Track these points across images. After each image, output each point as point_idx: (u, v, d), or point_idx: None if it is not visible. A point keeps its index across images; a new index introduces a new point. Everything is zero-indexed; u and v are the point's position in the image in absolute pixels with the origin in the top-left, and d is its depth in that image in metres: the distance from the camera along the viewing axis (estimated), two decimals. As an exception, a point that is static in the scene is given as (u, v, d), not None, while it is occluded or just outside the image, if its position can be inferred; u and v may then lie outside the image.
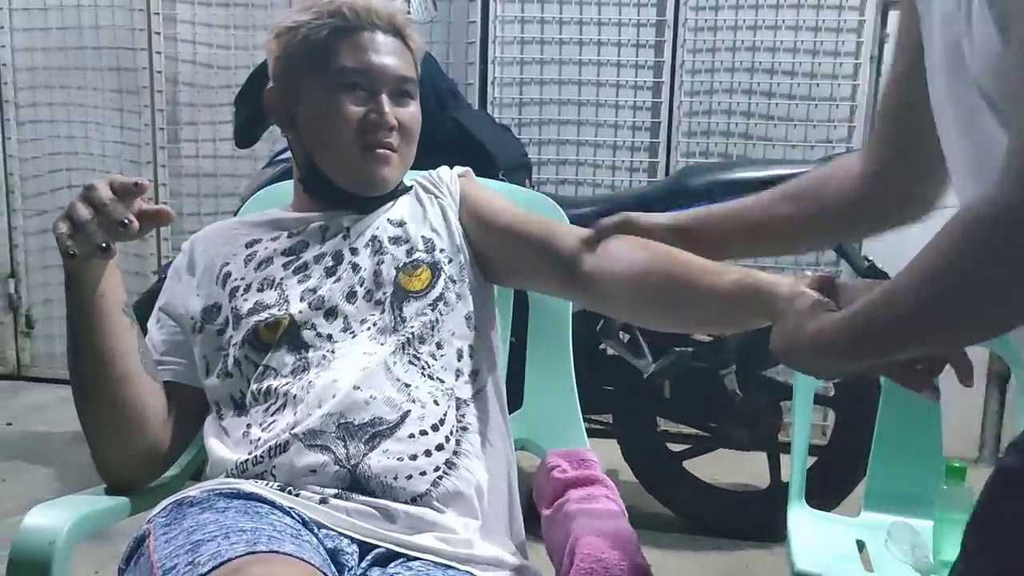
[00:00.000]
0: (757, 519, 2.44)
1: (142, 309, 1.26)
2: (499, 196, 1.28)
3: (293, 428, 1.05)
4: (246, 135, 2.54)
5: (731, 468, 2.68)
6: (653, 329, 2.20)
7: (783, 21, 3.08)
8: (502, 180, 2.28)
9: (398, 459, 1.04)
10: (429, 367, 1.12)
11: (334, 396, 1.06)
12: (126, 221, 1.00)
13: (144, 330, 1.19)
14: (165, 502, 1.02)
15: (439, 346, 1.14)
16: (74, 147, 3.61)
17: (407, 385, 1.09)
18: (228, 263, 1.21)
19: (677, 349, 2.30)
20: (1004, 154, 0.66)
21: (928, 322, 0.71)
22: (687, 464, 2.52)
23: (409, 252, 1.18)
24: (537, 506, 1.22)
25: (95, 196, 1.02)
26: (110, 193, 1.02)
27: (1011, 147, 0.66)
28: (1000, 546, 0.74)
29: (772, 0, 3.08)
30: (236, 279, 1.19)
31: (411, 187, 1.27)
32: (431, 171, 1.31)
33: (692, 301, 1.02)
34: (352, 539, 0.99)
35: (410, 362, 1.11)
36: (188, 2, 3.43)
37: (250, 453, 1.06)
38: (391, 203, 1.24)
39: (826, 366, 0.84)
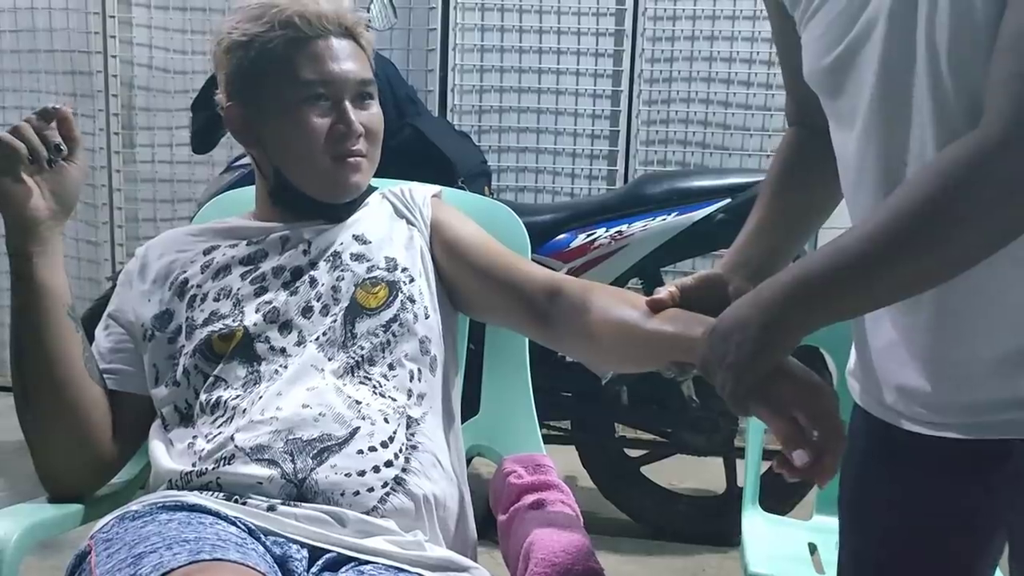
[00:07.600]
0: (714, 524, 2.46)
1: (95, 316, 1.24)
2: (470, 224, 1.26)
3: (239, 441, 1.04)
4: (203, 141, 2.52)
5: (688, 473, 2.70)
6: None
7: (739, 32, 3.12)
8: (461, 187, 2.29)
9: (346, 474, 1.03)
10: (381, 386, 1.11)
11: (282, 411, 1.06)
12: (62, 146, 1.11)
13: (91, 337, 1.18)
14: (107, 517, 1.01)
15: (391, 367, 1.13)
16: (27, 151, 3.54)
17: (358, 402, 1.08)
18: (185, 270, 1.19)
19: (635, 355, 2.31)
20: (993, 94, 0.70)
21: (897, 263, 0.75)
22: (645, 470, 2.53)
23: (369, 269, 1.17)
24: (493, 511, 1.23)
25: (25, 128, 1.09)
26: (36, 124, 1.10)
27: (999, 88, 0.70)
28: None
29: (728, 12, 3.12)
30: (193, 287, 1.17)
31: (375, 189, 1.27)
32: (403, 188, 1.29)
33: (645, 353, 1.04)
34: (302, 544, 0.98)
35: (361, 382, 1.11)
36: (144, 5, 3.38)
37: (194, 464, 1.05)
38: (357, 213, 1.23)
39: (764, 347, 0.80)
